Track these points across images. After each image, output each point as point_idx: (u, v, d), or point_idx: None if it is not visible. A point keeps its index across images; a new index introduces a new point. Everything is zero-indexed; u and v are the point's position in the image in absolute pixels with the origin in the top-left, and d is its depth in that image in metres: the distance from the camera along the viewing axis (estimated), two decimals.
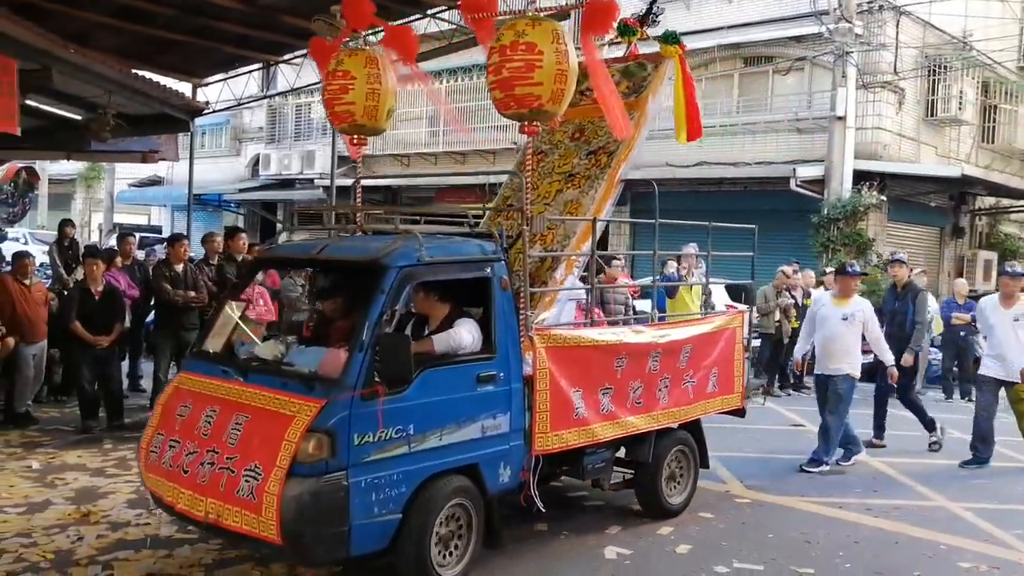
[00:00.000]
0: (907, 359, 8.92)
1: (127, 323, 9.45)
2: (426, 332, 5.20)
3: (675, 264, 11.47)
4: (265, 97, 19.44)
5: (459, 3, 9.65)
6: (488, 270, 5.15)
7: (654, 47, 6.96)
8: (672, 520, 6.27)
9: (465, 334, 4.98)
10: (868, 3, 16.43)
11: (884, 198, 16.31)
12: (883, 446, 9.05)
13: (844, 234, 16.00)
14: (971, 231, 19.77)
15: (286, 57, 13.39)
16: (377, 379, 4.38)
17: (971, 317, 12.69)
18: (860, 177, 16.17)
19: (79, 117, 12.87)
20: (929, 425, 9.15)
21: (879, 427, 9.25)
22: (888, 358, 8.34)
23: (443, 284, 5.14)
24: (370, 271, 4.77)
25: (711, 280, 7.87)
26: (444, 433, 4.68)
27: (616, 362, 5.76)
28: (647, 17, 7.14)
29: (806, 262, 14.48)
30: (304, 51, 6.12)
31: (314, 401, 4.32)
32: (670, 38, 6.78)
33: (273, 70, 15.97)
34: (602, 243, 19.30)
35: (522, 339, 5.20)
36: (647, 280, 13.17)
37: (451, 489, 4.75)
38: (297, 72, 13.76)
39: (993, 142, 19.43)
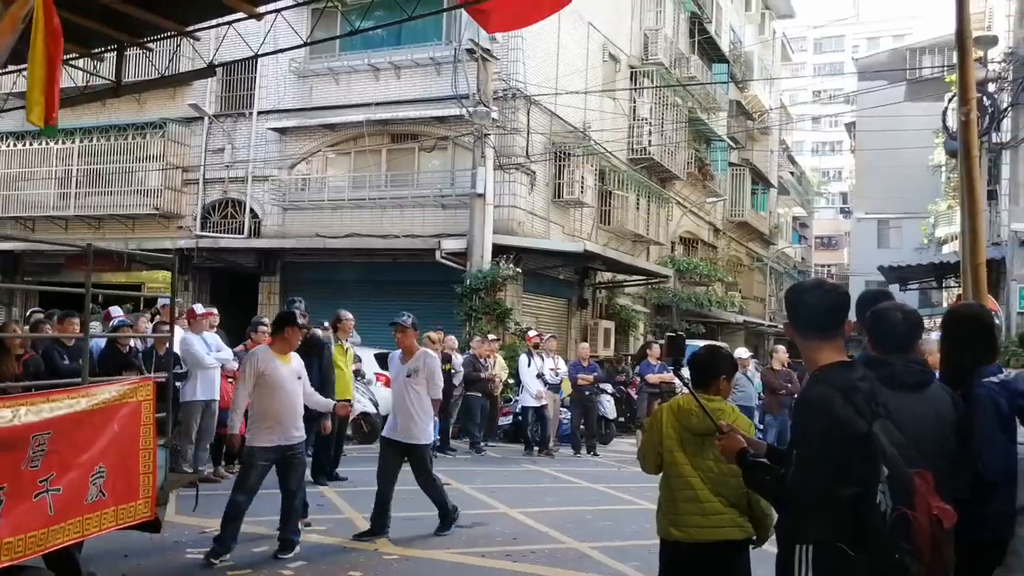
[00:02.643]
0: (326, 426, 8.64)
1: None
2: None
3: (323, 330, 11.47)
4: None
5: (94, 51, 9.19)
6: None
7: None
8: None
9: None
10: (503, 90, 17.95)
11: (520, 270, 17.63)
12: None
13: (485, 303, 17.03)
14: (593, 302, 22.00)
15: None
16: None
17: (594, 378, 14.09)
18: (499, 251, 17.33)
19: None
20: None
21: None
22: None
23: None
24: None
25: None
26: None
27: None
28: None
29: (450, 330, 15.17)
30: None
31: None
32: None
33: None
34: (251, 308, 18.88)
35: None
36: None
37: None
38: None
39: (609, 223, 21.90)
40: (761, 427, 13.33)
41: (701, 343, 19.89)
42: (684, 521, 3.93)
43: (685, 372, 4.01)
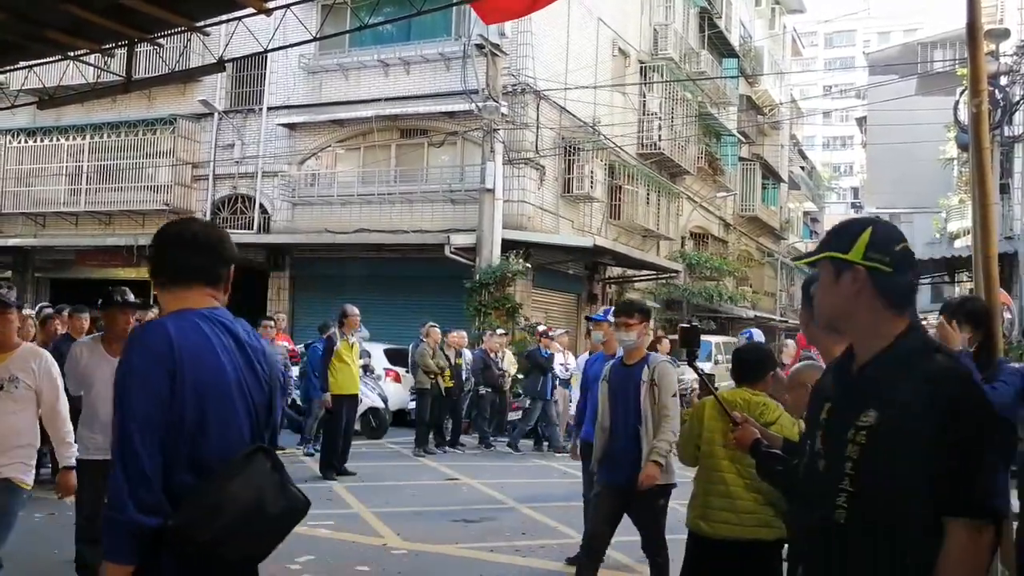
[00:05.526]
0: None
1: None
2: None
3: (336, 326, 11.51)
4: None
5: (104, 47, 9.20)
6: None
7: None
8: (333, 572, 6.20)
9: None
10: (513, 86, 17.92)
11: (529, 265, 17.61)
12: None
13: (494, 298, 17.01)
14: (603, 298, 21.95)
15: None
16: None
17: None
18: (508, 246, 17.31)
19: None
20: None
21: None
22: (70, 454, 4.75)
23: None
24: None
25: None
26: None
27: None
28: None
29: (460, 325, 15.15)
30: None
31: None
32: None
33: None
34: (260, 303, 18.94)
35: None
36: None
37: None
38: None
39: (619, 218, 21.86)
40: None
41: (714, 339, 19.99)
42: (714, 516, 3.92)
43: (708, 367, 4.01)
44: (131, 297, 5.49)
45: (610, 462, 5.20)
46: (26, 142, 22.36)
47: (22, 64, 9.94)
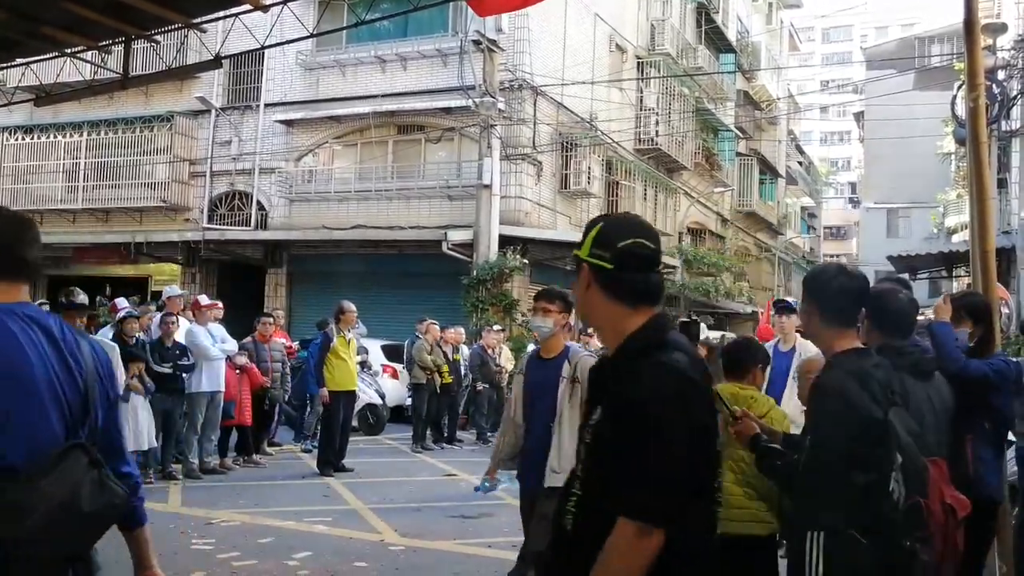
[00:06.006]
0: None
1: None
2: None
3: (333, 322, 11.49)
4: None
5: (101, 44, 9.18)
6: None
7: None
8: (331, 568, 6.21)
9: None
10: (510, 81, 17.89)
11: (526, 261, 17.60)
12: None
13: (492, 295, 17.01)
14: None
15: None
16: None
17: None
18: (505, 242, 17.31)
19: None
20: None
21: None
22: None
23: None
24: None
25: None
26: None
27: None
28: None
29: (457, 321, 15.14)
30: None
31: None
32: None
33: None
34: (258, 300, 18.92)
35: None
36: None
37: None
38: None
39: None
40: None
41: (712, 334, 19.98)
42: None
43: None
44: (80, 299, 5.50)
45: (524, 462, 4.98)
46: (23, 139, 22.32)
47: (19, 61, 9.92)
